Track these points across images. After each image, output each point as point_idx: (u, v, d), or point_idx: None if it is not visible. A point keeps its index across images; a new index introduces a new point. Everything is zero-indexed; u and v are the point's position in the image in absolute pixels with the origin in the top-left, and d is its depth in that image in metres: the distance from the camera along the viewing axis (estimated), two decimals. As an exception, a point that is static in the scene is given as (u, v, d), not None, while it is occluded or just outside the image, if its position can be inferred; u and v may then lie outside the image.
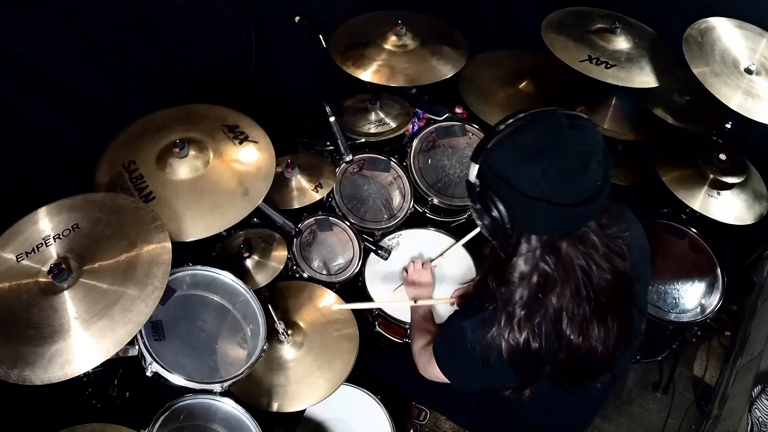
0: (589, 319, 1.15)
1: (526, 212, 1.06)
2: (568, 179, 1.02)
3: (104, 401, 1.70)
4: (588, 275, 1.12)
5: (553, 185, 1.01)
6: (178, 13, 2.06)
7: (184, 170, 1.73)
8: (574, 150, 1.02)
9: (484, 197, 1.11)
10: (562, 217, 1.05)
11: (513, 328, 1.16)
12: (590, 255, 1.12)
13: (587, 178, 1.02)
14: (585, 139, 1.04)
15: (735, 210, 2.09)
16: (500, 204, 1.08)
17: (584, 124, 1.06)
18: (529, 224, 1.10)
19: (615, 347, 1.20)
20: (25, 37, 1.68)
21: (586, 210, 1.06)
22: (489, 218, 1.11)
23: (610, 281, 1.14)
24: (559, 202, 1.02)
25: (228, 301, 1.70)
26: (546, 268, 1.13)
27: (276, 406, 1.73)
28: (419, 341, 1.64)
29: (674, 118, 2.24)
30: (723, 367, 2.53)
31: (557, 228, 1.10)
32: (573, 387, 1.27)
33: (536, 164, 1.01)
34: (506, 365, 1.20)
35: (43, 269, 1.41)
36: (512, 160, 1.04)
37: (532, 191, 1.02)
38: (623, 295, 1.18)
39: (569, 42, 2.15)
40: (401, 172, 2.32)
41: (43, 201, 1.55)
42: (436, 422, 2.35)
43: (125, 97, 2.04)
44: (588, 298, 1.13)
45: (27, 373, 1.26)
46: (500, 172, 1.06)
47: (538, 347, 1.17)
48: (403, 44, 2.31)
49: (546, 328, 1.16)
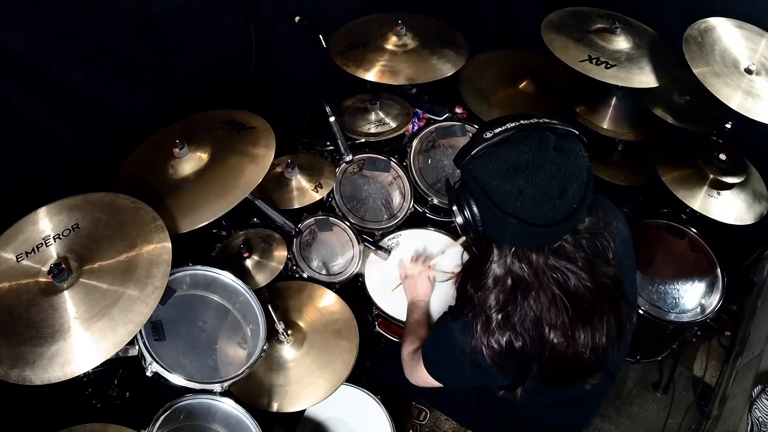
0: (571, 325, 1.15)
1: (497, 224, 1.07)
2: (543, 202, 1.02)
3: (104, 401, 1.70)
4: (564, 286, 1.13)
5: (526, 205, 1.02)
6: (178, 13, 2.06)
7: (186, 167, 1.76)
8: (555, 175, 1.02)
9: (459, 197, 1.13)
10: (532, 235, 1.06)
11: (493, 331, 1.17)
12: (565, 266, 1.12)
13: (563, 202, 1.03)
14: (568, 164, 1.03)
15: (735, 210, 2.09)
16: (474, 207, 1.10)
17: (571, 148, 1.05)
18: (500, 235, 1.11)
19: (605, 347, 1.20)
20: (25, 38, 1.68)
21: (558, 230, 1.07)
22: (462, 218, 1.14)
23: (591, 289, 1.14)
24: (530, 221, 1.03)
25: (228, 301, 1.70)
26: (519, 272, 1.14)
27: (276, 406, 1.73)
28: (409, 346, 1.64)
29: (674, 118, 2.24)
30: (723, 367, 2.53)
31: (527, 243, 1.11)
32: (563, 387, 1.27)
33: (514, 182, 1.02)
34: (493, 367, 1.20)
35: (43, 269, 1.41)
36: (492, 172, 1.05)
37: (506, 206, 1.04)
38: (610, 296, 1.18)
39: (569, 42, 2.15)
40: (401, 172, 2.32)
41: (43, 201, 1.55)
42: (436, 422, 2.35)
43: (125, 97, 2.04)
44: (566, 308, 1.14)
45: (27, 373, 1.26)
46: (479, 180, 1.07)
47: (522, 346, 1.17)
48: (403, 44, 2.31)
49: (528, 329, 1.17)
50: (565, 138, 1.06)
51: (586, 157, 1.07)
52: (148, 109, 2.07)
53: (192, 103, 2.05)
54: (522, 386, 1.25)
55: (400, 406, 2.13)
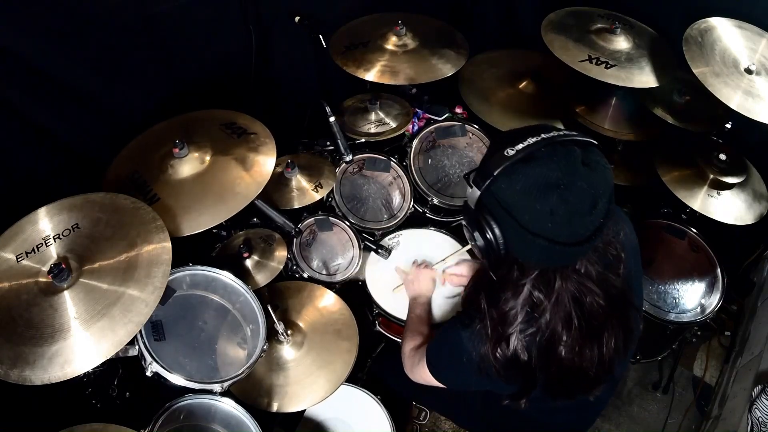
0: (581, 341, 1.14)
1: (523, 245, 1.04)
2: (574, 220, 0.99)
3: (104, 401, 1.70)
4: (579, 303, 1.11)
5: (558, 225, 0.99)
6: (178, 13, 2.05)
7: (186, 168, 1.75)
8: (586, 191, 0.99)
9: (479, 220, 1.07)
10: (560, 254, 1.03)
11: (503, 345, 1.15)
12: (583, 283, 1.11)
13: (592, 218, 1.00)
14: (597, 180, 1.01)
15: (735, 210, 2.09)
16: (497, 229, 1.05)
17: (597, 161, 1.02)
18: (525, 256, 1.08)
19: (611, 359, 1.19)
20: (26, 38, 1.68)
21: (586, 247, 1.04)
22: (483, 240, 1.08)
23: (603, 306, 1.13)
24: (560, 240, 1.00)
25: (228, 301, 1.70)
26: (538, 294, 1.11)
27: (276, 406, 1.73)
28: (411, 342, 1.62)
29: (674, 118, 2.24)
30: (723, 367, 2.53)
31: (553, 262, 1.08)
32: (567, 398, 1.27)
33: (545, 202, 0.98)
34: (499, 377, 1.20)
35: (43, 269, 1.41)
36: (520, 192, 1.00)
37: (535, 227, 1.00)
38: (619, 309, 1.17)
39: (569, 42, 2.15)
40: (401, 172, 2.32)
41: (43, 201, 1.55)
42: (436, 422, 2.35)
43: (125, 97, 2.04)
44: (579, 326, 1.12)
45: (27, 373, 1.26)
46: (504, 201, 1.02)
47: (528, 360, 1.16)
48: (403, 44, 2.31)
49: (539, 345, 1.16)
50: (589, 151, 1.03)
51: (610, 169, 1.04)
52: (149, 109, 2.07)
53: (192, 103, 2.05)
54: (527, 396, 1.24)
55: (400, 406, 2.13)
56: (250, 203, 1.71)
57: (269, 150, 1.82)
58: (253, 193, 1.71)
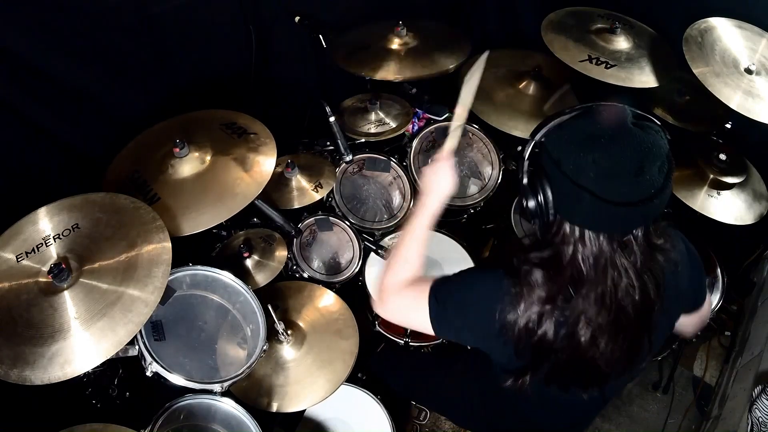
0: (603, 329, 1.13)
1: (570, 199, 1.05)
2: (619, 176, 1.00)
3: (104, 401, 1.70)
4: (616, 286, 1.10)
5: (601, 178, 1.00)
6: (178, 13, 2.06)
7: (186, 168, 1.75)
8: (632, 148, 1.00)
9: (533, 177, 1.11)
10: (605, 213, 1.03)
11: (532, 318, 1.12)
12: (625, 266, 1.09)
13: (641, 180, 1.00)
14: (644, 140, 1.01)
15: (735, 210, 2.09)
16: (547, 187, 1.08)
17: (650, 126, 1.04)
18: (571, 213, 1.08)
19: (615, 367, 1.18)
20: (26, 38, 1.68)
21: (633, 213, 1.03)
22: (534, 201, 1.11)
23: (635, 301, 1.11)
24: (604, 197, 1.00)
25: (228, 301, 1.70)
26: (580, 264, 1.09)
27: (276, 406, 1.73)
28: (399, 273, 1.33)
29: (674, 118, 2.24)
30: (723, 367, 2.53)
31: (598, 224, 1.07)
32: (559, 388, 1.25)
33: (588, 152, 1.00)
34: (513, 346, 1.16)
35: (43, 269, 1.41)
36: (566, 142, 1.04)
37: (580, 179, 1.01)
38: (641, 320, 1.15)
39: (569, 42, 2.15)
40: (401, 172, 2.32)
41: (43, 201, 1.55)
42: (436, 422, 2.35)
43: (126, 97, 2.04)
44: (609, 309, 1.11)
45: (27, 373, 1.26)
46: (553, 153, 1.05)
47: (552, 342, 1.14)
48: (404, 43, 2.32)
49: (564, 327, 1.14)
50: (645, 118, 1.06)
51: (666, 140, 1.04)
52: (149, 108, 2.07)
53: (192, 103, 2.05)
54: (530, 375, 1.21)
55: (400, 406, 2.13)
56: (250, 203, 1.72)
57: (269, 150, 1.83)
58: (253, 193, 1.72)
